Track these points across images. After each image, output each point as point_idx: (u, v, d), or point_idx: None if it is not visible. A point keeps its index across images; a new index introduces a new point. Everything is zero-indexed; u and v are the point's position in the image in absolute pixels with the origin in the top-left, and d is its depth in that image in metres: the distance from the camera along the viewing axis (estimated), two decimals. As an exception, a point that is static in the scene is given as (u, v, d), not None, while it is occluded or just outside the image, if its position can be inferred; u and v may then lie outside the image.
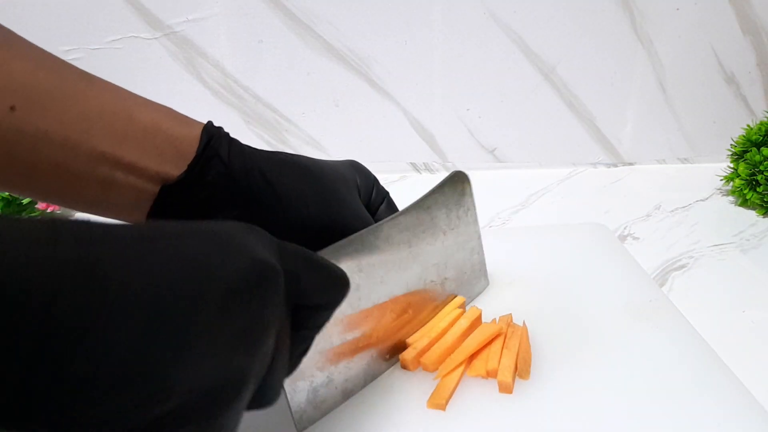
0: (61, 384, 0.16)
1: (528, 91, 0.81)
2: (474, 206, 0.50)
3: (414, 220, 0.44)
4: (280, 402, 0.34)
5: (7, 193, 0.70)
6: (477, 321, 0.46)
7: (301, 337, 0.28)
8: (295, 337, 0.27)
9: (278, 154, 0.40)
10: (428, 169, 0.84)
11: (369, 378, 0.42)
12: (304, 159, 0.41)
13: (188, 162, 0.36)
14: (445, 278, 0.48)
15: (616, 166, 0.87)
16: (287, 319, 0.25)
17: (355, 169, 0.45)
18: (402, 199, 0.79)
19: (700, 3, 0.77)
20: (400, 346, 0.44)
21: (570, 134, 0.84)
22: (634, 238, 0.67)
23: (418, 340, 0.44)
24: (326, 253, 0.37)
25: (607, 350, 0.45)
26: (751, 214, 0.72)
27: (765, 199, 0.70)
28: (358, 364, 0.41)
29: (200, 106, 0.77)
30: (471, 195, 0.49)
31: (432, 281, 0.46)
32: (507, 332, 0.45)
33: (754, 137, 0.73)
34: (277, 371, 0.25)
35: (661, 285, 0.58)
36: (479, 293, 0.52)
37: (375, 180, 0.47)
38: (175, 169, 0.35)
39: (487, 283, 0.53)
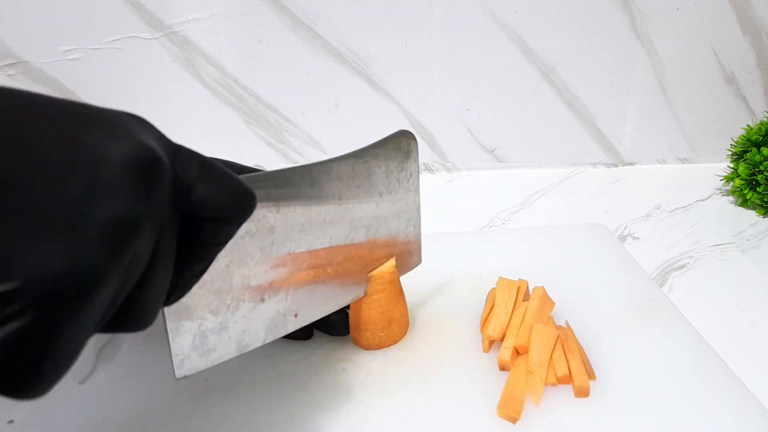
0: None
1: (528, 91, 0.81)
2: (418, 174, 0.46)
3: (349, 171, 0.40)
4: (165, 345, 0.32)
5: None
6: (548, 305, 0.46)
7: (196, 254, 0.25)
8: (188, 252, 0.24)
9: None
10: (428, 169, 0.84)
11: (270, 335, 0.38)
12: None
13: None
14: (375, 244, 0.43)
15: (616, 166, 0.87)
16: (172, 226, 0.22)
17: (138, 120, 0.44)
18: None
19: (700, 3, 0.77)
20: (314, 308, 0.40)
21: (570, 134, 0.84)
22: (634, 238, 0.67)
23: (507, 339, 0.43)
24: None
25: (607, 350, 0.45)
26: (751, 214, 0.72)
27: (765, 199, 0.70)
28: (260, 318, 0.36)
29: (200, 106, 0.77)
30: (416, 160, 0.45)
31: (359, 243, 0.42)
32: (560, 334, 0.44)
33: (754, 137, 0.73)
34: (153, 288, 0.22)
35: (661, 285, 0.58)
36: (409, 271, 0.48)
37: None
38: None
39: (420, 262, 0.49)
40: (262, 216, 0.35)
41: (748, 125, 0.76)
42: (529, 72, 0.79)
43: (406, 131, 0.44)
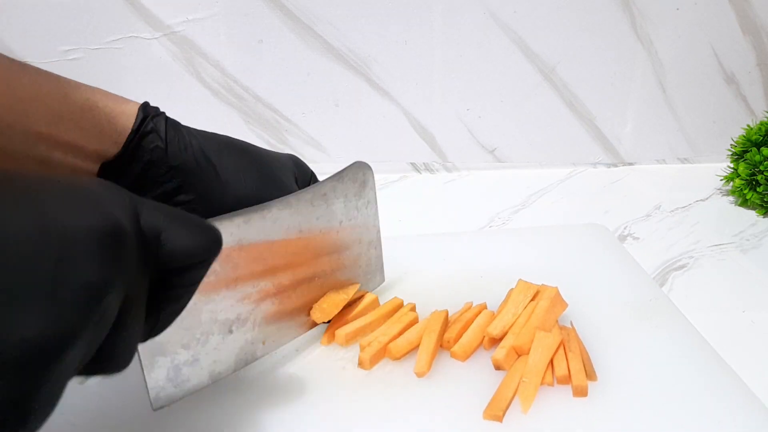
0: None
1: (528, 91, 0.81)
2: (375, 200, 0.48)
3: (308, 205, 0.42)
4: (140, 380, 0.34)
5: None
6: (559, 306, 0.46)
7: (171, 297, 0.27)
8: (163, 298, 0.26)
9: (217, 135, 0.41)
10: (428, 169, 0.84)
11: (241, 363, 0.40)
12: (242, 142, 0.42)
13: (123, 139, 0.36)
14: (338, 269, 0.46)
15: (616, 166, 0.87)
16: (141, 280, 0.24)
17: (293, 161, 0.45)
18: (402, 199, 0.79)
19: (700, 3, 0.77)
20: (282, 333, 0.43)
21: (570, 134, 0.84)
22: (634, 238, 0.67)
23: (506, 338, 0.43)
24: None
25: (606, 350, 0.45)
26: (751, 214, 0.72)
27: (765, 199, 0.70)
28: (230, 348, 0.39)
29: (200, 106, 0.77)
30: (373, 188, 0.48)
31: (323, 270, 0.45)
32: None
33: (754, 137, 0.73)
34: (125, 337, 0.23)
35: (661, 285, 0.58)
36: (373, 288, 0.51)
37: (312, 174, 0.47)
38: (113, 146, 0.36)
39: (383, 280, 0.52)
40: (226, 255, 0.37)
41: (748, 125, 0.76)
42: (529, 72, 0.79)
43: (362, 162, 0.46)
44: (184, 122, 0.41)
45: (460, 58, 0.78)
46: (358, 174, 0.46)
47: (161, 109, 0.40)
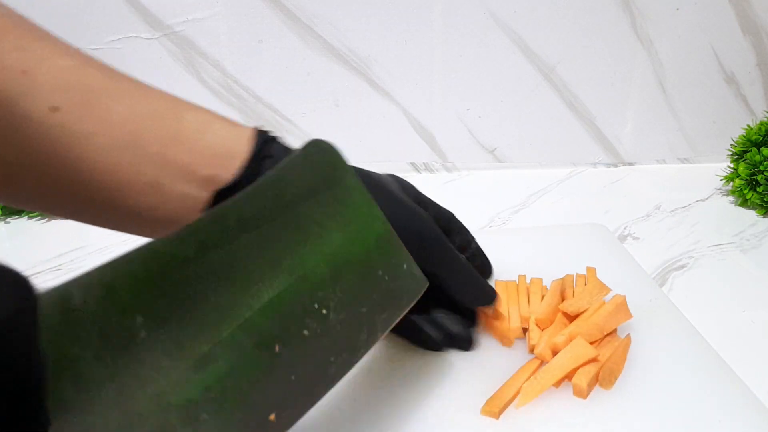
0: None
1: (528, 91, 0.81)
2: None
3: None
4: None
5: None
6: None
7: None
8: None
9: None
10: (428, 169, 0.84)
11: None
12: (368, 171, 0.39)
13: (240, 163, 0.33)
14: None
15: (616, 166, 0.87)
16: None
17: (393, 178, 0.44)
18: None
19: (700, 3, 0.77)
20: None
21: (570, 134, 0.84)
22: (634, 238, 0.67)
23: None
24: None
25: (607, 350, 0.45)
26: (751, 214, 0.72)
27: (765, 199, 0.70)
28: None
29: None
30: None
31: None
32: (603, 342, 0.44)
33: (754, 137, 0.73)
34: None
35: (661, 285, 0.58)
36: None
37: (419, 193, 0.45)
38: (225, 171, 0.33)
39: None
40: None
41: (748, 125, 0.76)
42: (529, 72, 0.79)
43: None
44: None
45: (460, 58, 0.78)
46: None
47: None
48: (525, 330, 0.47)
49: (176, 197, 0.32)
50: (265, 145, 0.35)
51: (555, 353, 0.42)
